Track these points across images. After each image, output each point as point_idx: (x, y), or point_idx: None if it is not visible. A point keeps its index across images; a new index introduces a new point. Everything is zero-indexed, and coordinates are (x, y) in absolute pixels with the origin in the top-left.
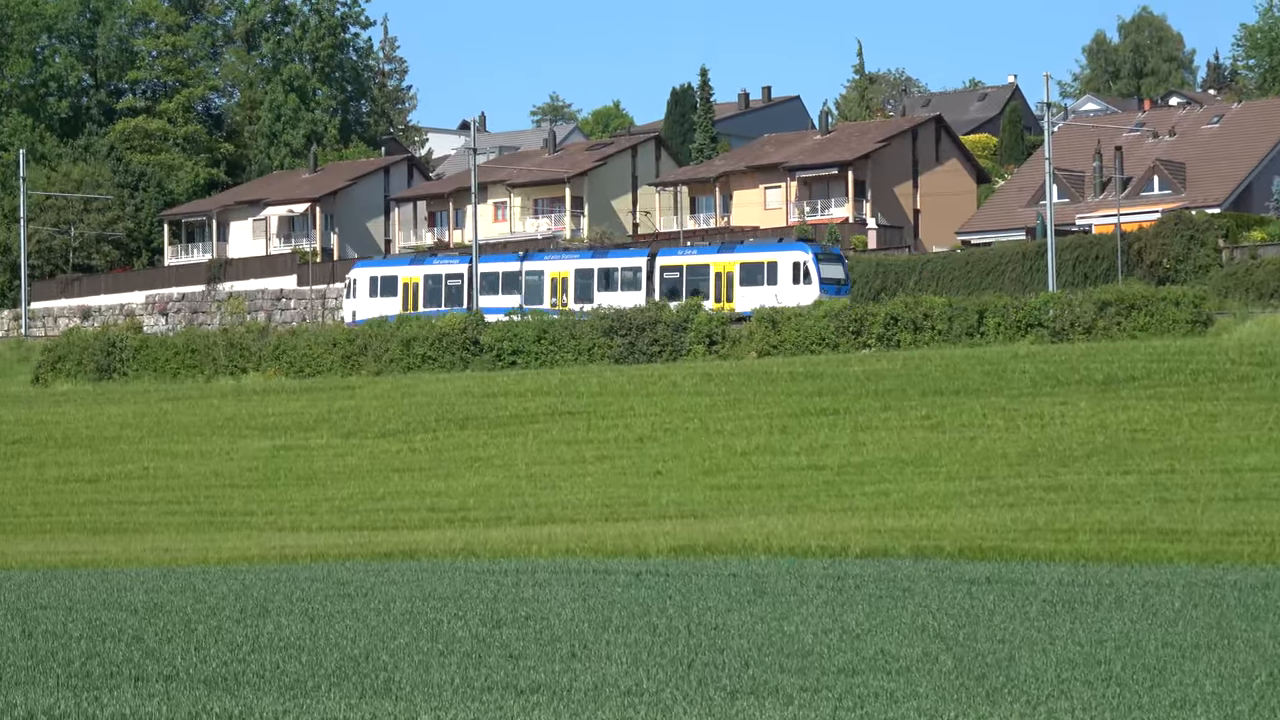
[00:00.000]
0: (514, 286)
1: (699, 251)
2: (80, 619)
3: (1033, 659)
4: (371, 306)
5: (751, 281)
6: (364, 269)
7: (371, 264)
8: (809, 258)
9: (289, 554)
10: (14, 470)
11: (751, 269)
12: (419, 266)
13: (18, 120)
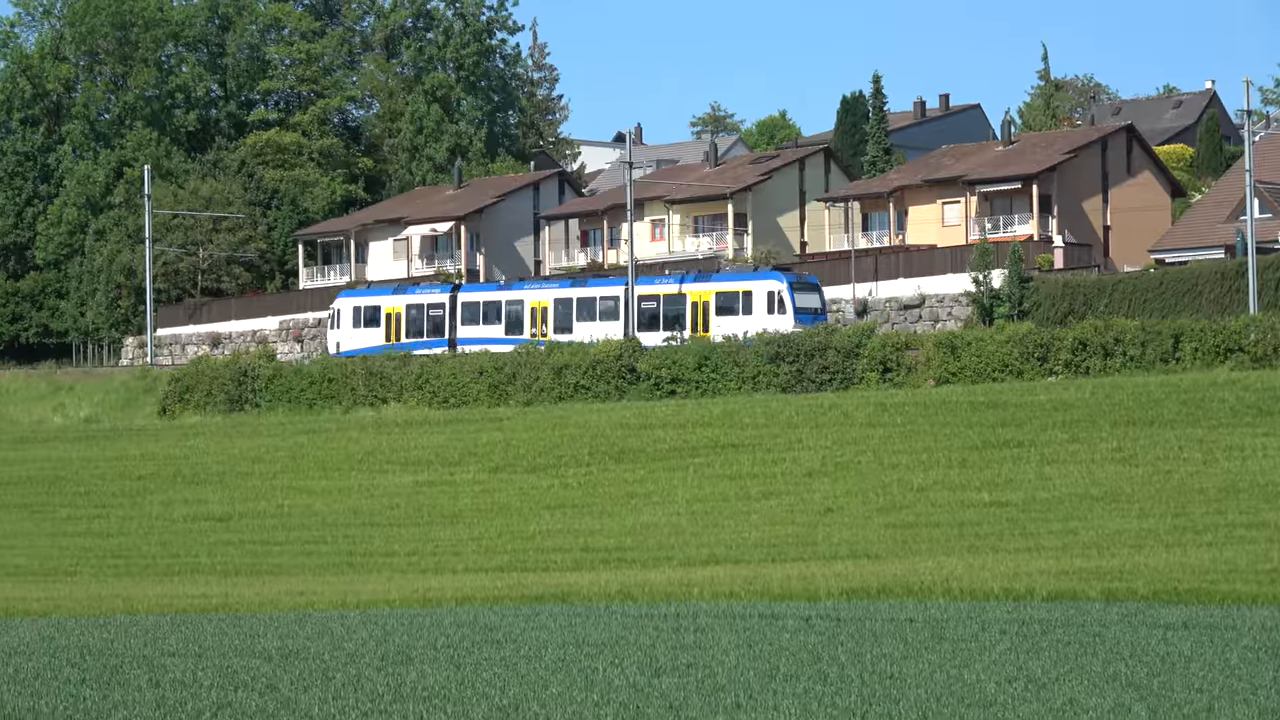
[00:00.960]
0: (495, 316)
1: (676, 280)
2: (211, 666)
3: (1233, 710)
4: (355, 337)
5: (727, 311)
6: (347, 299)
7: (355, 294)
8: (784, 287)
9: (433, 597)
10: (140, 508)
11: (727, 298)
12: (401, 296)
13: (143, 134)
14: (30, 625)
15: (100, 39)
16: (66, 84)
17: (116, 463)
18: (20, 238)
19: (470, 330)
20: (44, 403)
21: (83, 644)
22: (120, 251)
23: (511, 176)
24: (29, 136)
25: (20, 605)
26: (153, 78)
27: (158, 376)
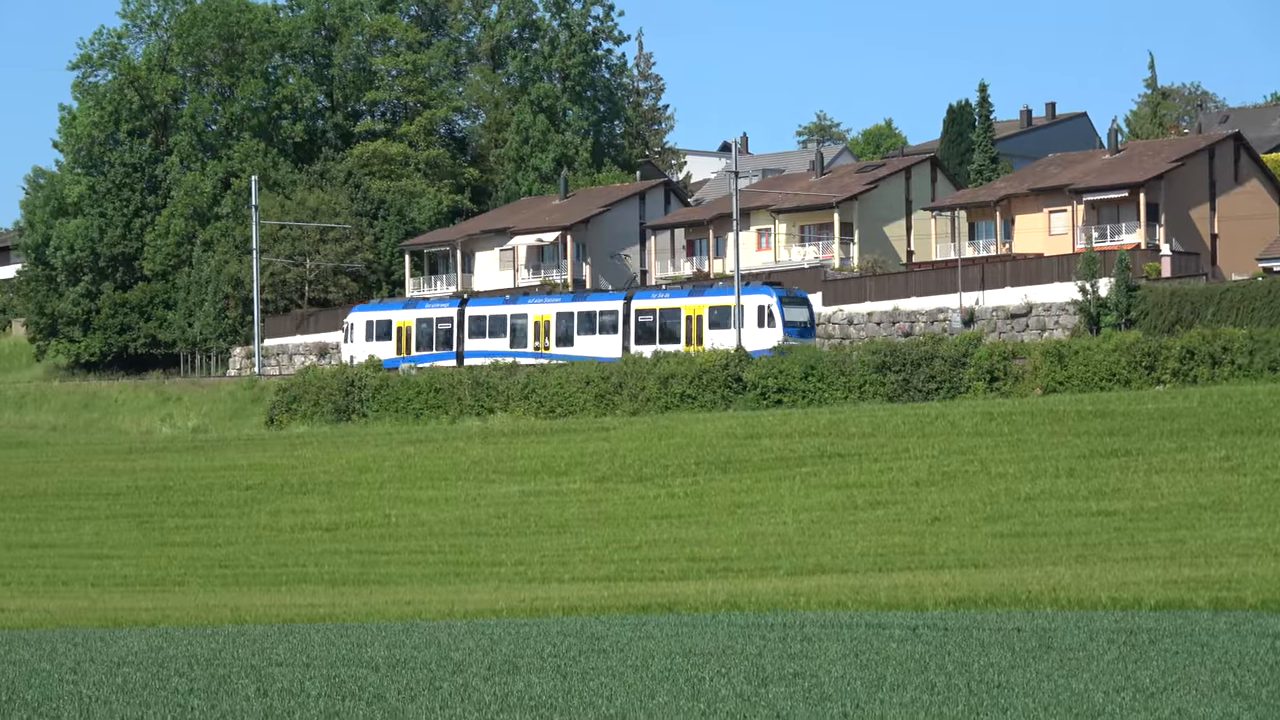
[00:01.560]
0: (500, 330)
1: (672, 295)
2: (319, 676)
3: None
4: (368, 350)
5: (720, 324)
6: (360, 313)
7: (368, 308)
8: (773, 301)
9: (539, 606)
10: (248, 518)
11: (719, 312)
12: (411, 310)
13: (250, 145)
14: (139, 635)
15: (207, 50)
16: (174, 95)
17: (224, 473)
18: (128, 249)
19: (477, 343)
20: (152, 413)
21: (191, 654)
22: (228, 262)
23: (617, 186)
24: (137, 148)
25: (129, 615)
26: (259, 89)
27: (265, 386)
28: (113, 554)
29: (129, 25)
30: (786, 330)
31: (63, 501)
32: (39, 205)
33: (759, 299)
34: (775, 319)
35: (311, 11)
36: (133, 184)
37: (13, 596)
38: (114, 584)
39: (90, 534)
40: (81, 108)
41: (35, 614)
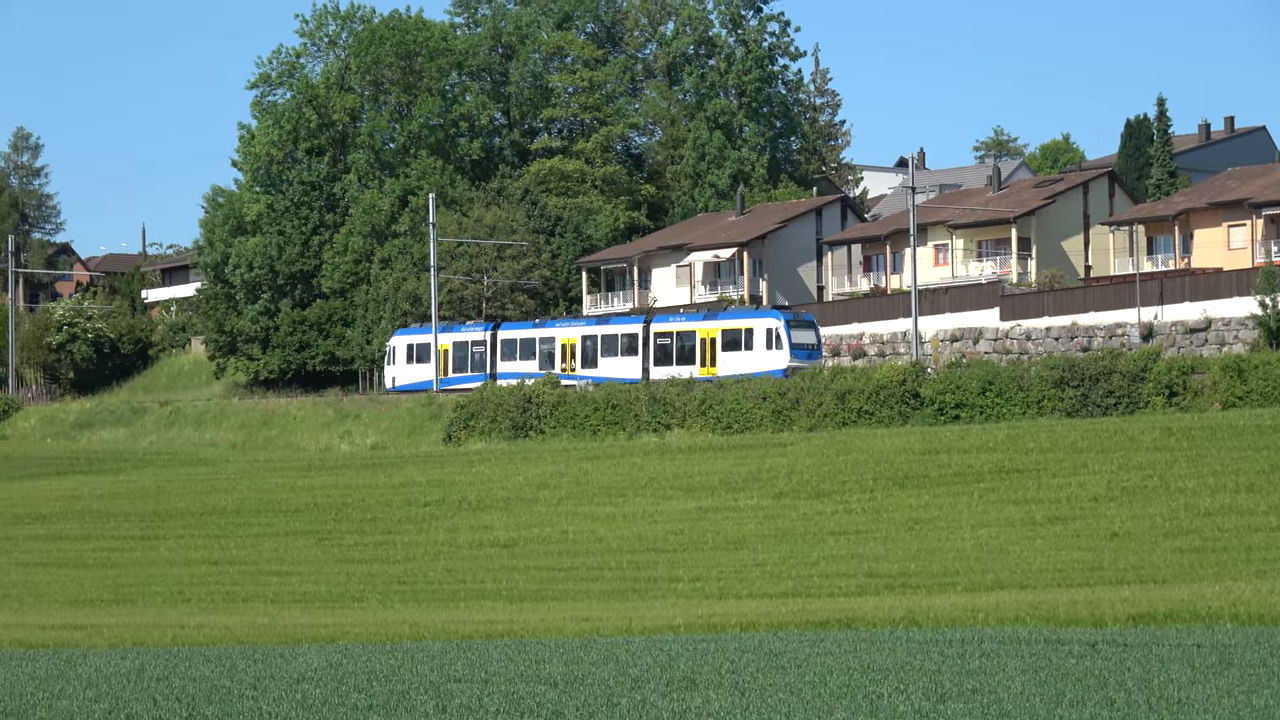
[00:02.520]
0: (530, 352)
1: (687, 318)
2: (497, 692)
3: None
4: (408, 372)
5: (731, 347)
6: (402, 337)
7: (408, 332)
8: (781, 324)
9: (717, 622)
10: (426, 534)
11: (731, 335)
12: (448, 334)
13: (427, 163)
14: (318, 651)
15: (385, 69)
16: (352, 114)
17: (402, 489)
18: (306, 266)
19: (508, 365)
20: (331, 430)
21: (370, 670)
22: (405, 279)
23: (793, 202)
24: (315, 166)
25: (308, 631)
26: (437, 107)
27: (443, 404)
28: (292, 570)
29: (307, 44)
30: (794, 352)
31: (242, 518)
32: (218, 224)
33: (767, 322)
34: (783, 341)
35: (489, 29)
36: (311, 202)
37: (193, 613)
38: (293, 600)
39: (269, 551)
40: (260, 127)
41: (215, 630)
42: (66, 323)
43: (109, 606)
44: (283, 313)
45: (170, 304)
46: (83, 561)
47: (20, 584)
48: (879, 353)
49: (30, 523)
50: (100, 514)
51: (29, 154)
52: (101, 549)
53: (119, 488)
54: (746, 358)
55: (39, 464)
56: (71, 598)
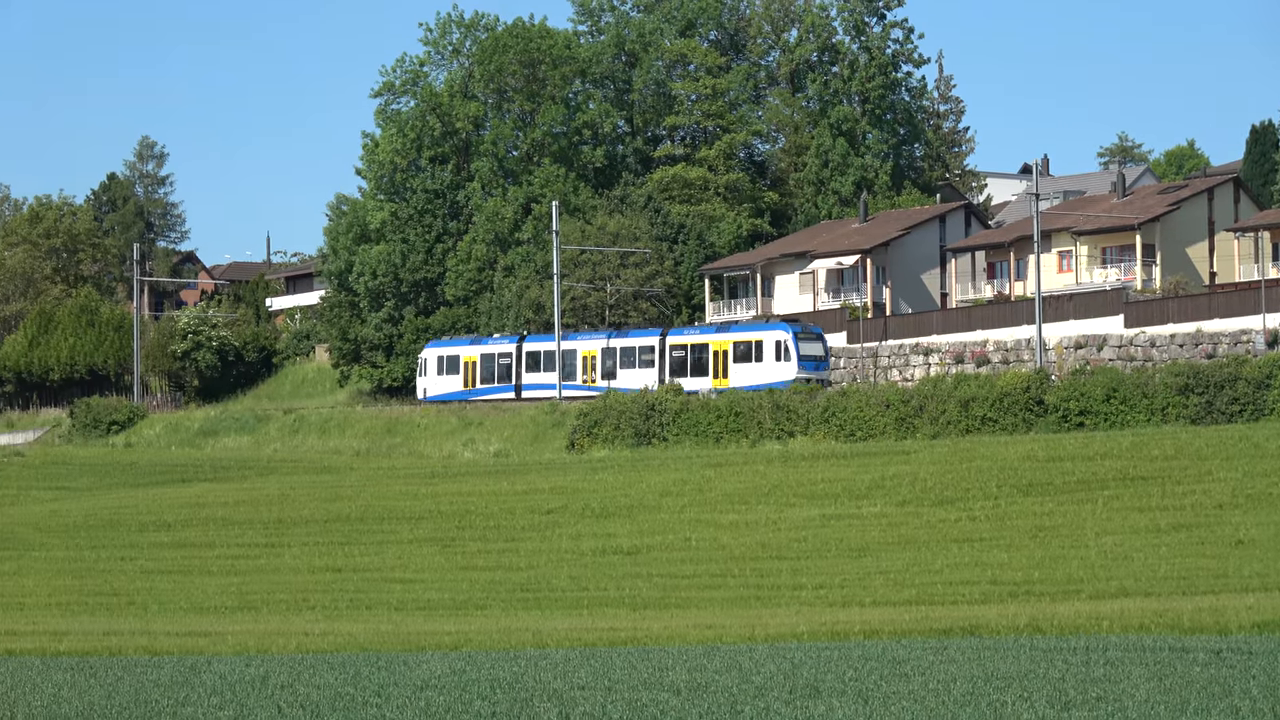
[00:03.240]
0: (552, 364)
1: (701, 331)
2: (620, 700)
3: None
4: (439, 384)
5: (742, 359)
6: (433, 349)
7: (440, 344)
8: (789, 337)
9: (840, 630)
10: (550, 541)
11: (742, 348)
12: (476, 346)
13: (550, 170)
14: (441, 659)
15: (508, 77)
16: (475, 122)
17: (525, 497)
18: (430, 274)
19: (533, 377)
20: (454, 438)
21: (493, 677)
22: (529, 287)
23: (917, 209)
24: (438, 174)
25: (431, 639)
26: (560, 114)
27: (566, 411)
28: (415, 578)
29: (431, 52)
30: (801, 364)
31: (366, 526)
32: (342, 232)
33: (776, 335)
34: (791, 353)
35: (612, 37)
36: (434, 210)
37: (317, 620)
38: (416, 607)
39: (393, 558)
40: (384, 135)
41: (339, 638)
42: (191, 331)
43: (233, 614)
44: (406, 320)
45: (294, 312)
46: (207, 569)
47: (145, 591)
48: (1003, 360)
49: (155, 530)
50: (225, 521)
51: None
52: (226, 556)
53: (243, 495)
54: (757, 369)
55: (164, 471)
56: (196, 605)
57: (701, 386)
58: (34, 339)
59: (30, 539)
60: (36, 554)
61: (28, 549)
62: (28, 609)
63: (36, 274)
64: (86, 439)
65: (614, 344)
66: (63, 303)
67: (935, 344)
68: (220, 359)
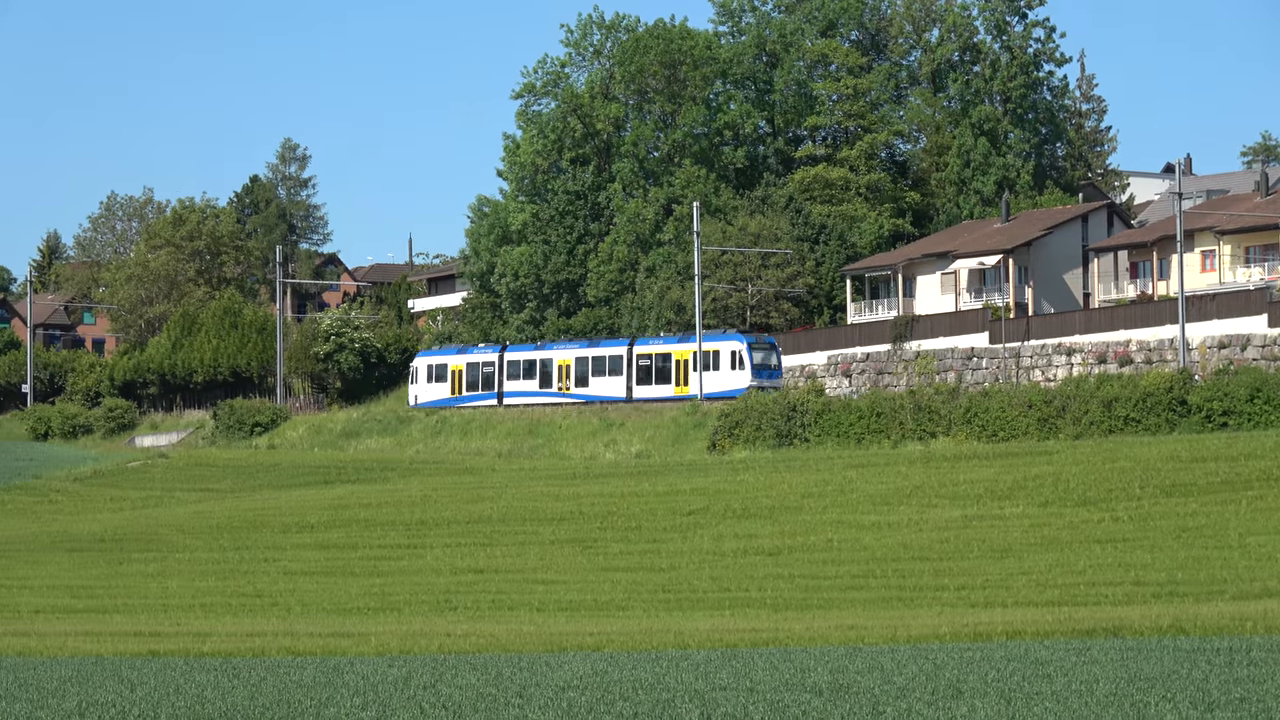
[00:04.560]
0: (532, 372)
1: (665, 341)
2: (762, 701)
3: None
4: (429, 391)
5: (703, 367)
6: (424, 358)
7: (429, 354)
8: (743, 347)
9: (983, 631)
10: (691, 542)
11: (702, 356)
12: (462, 356)
13: (691, 171)
14: (583, 659)
15: (649, 78)
16: (616, 123)
17: (667, 498)
18: (572, 275)
19: (514, 384)
20: (596, 439)
21: (634, 678)
22: (670, 288)
23: (1059, 209)
24: (579, 175)
25: (573, 640)
26: (701, 115)
27: (708, 412)
28: (557, 579)
29: (572, 54)
30: (755, 373)
31: (508, 527)
32: (484, 233)
33: (731, 345)
34: (745, 363)
35: (753, 38)
36: (575, 211)
37: (459, 621)
38: (558, 608)
39: (535, 559)
40: (525, 136)
41: (481, 638)
42: (334, 332)
43: (375, 614)
44: (548, 322)
45: (436, 313)
46: (349, 570)
47: (288, 592)
48: (1145, 360)
49: (298, 532)
50: (367, 523)
51: (296, 165)
52: (368, 557)
53: (385, 497)
54: (715, 377)
55: (307, 473)
56: (339, 606)
57: (664, 393)
58: (177, 341)
59: (174, 540)
60: (180, 555)
61: (172, 550)
62: (171, 610)
63: (180, 276)
64: (230, 441)
65: (586, 353)
66: (206, 305)
67: (1078, 344)
68: (363, 361)
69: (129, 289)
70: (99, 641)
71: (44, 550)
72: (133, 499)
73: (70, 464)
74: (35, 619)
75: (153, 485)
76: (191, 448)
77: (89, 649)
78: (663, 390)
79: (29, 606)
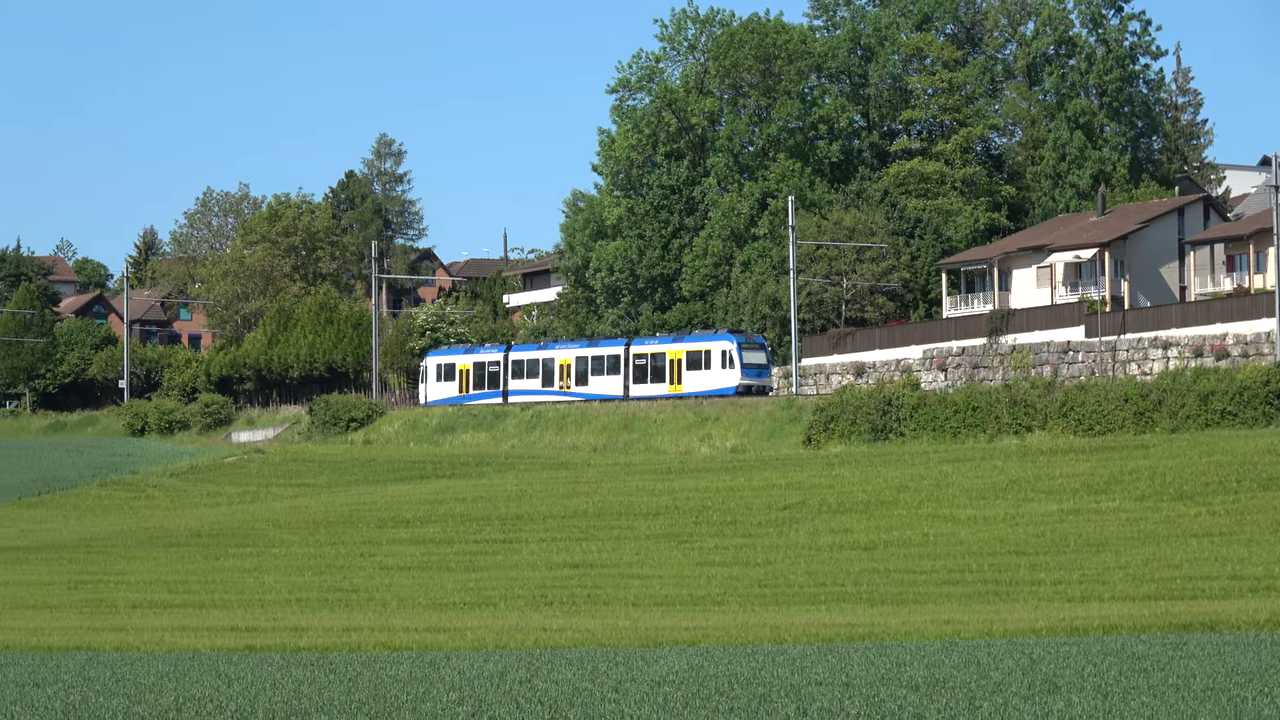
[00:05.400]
0: (535, 371)
1: (659, 341)
2: (858, 695)
3: None
4: (438, 389)
5: (694, 366)
6: (434, 357)
7: (439, 353)
8: (733, 347)
9: (1079, 625)
10: (786, 537)
11: (693, 356)
12: (469, 355)
13: (786, 166)
14: (678, 654)
15: (744, 72)
16: (710, 117)
17: (762, 492)
18: (666, 270)
19: (519, 383)
20: (691, 433)
21: (730, 673)
22: (765, 282)
23: (1155, 202)
24: (674, 170)
25: (669, 634)
26: (795, 109)
27: (802, 406)
28: (652, 573)
29: (667, 49)
30: (745, 372)
31: (603, 521)
32: (578, 228)
33: (722, 344)
34: (735, 362)
35: (847, 32)
36: (670, 206)
37: (555, 615)
38: (653, 603)
39: (630, 553)
40: (620, 131)
41: (577, 633)
42: (429, 327)
43: (471, 609)
44: (643, 316)
45: (531, 308)
46: (445, 565)
47: (384, 587)
48: (1242, 353)
49: (394, 527)
50: (463, 517)
51: (392, 160)
52: (464, 552)
53: (481, 491)
54: (706, 376)
55: (403, 468)
56: (434, 601)
57: (659, 391)
58: (273, 337)
59: (270, 535)
60: (276, 550)
61: (268, 546)
62: (268, 605)
63: (275, 272)
64: (326, 436)
65: (585, 353)
66: (301, 300)
67: (1174, 337)
68: None
69: (225, 285)
70: (195, 636)
71: (141, 545)
72: (229, 494)
73: (167, 459)
74: (132, 614)
75: (249, 480)
76: (287, 443)
77: (185, 644)
78: (658, 389)
79: (126, 602)
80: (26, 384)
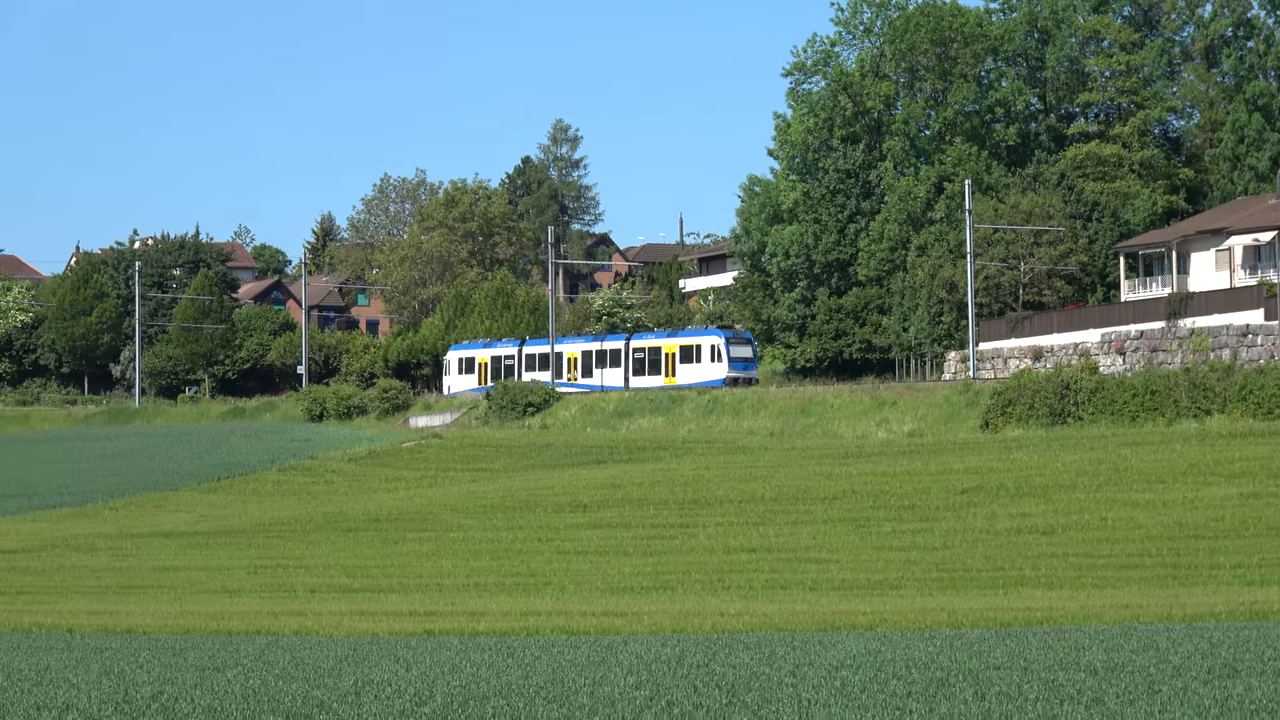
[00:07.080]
0: (547, 365)
1: (656, 336)
2: (1036, 679)
3: None
4: (459, 382)
5: (687, 360)
6: (456, 351)
7: (460, 347)
8: (721, 341)
9: (1260, 609)
10: (964, 521)
11: (686, 350)
12: (487, 349)
13: (963, 149)
14: (856, 638)
15: (920, 56)
16: (886, 101)
17: (939, 476)
18: (843, 254)
19: (530, 375)
20: (867, 418)
21: (908, 657)
22: (941, 266)
23: None
24: (850, 154)
25: (846, 619)
26: (972, 93)
27: (979, 390)
28: (829, 558)
29: (842, 33)
30: (732, 365)
31: (780, 506)
32: (754, 213)
33: (711, 339)
34: (723, 356)
35: (1024, 14)
36: (846, 190)
37: (732, 600)
38: (831, 587)
39: (807, 538)
40: (795, 115)
41: (754, 617)
42: (606, 312)
43: (648, 594)
44: (819, 301)
45: (707, 293)
46: (622, 549)
47: (562, 571)
48: None
49: (571, 511)
50: (640, 502)
51: (568, 146)
52: (641, 537)
53: (658, 476)
54: (697, 369)
55: (580, 453)
56: (612, 585)
57: (655, 383)
58: (451, 322)
59: (448, 520)
60: (454, 535)
61: (445, 530)
62: (446, 590)
63: (453, 257)
64: (503, 421)
65: (590, 347)
66: (478, 285)
67: None
68: None
69: (402, 270)
70: (374, 621)
71: (319, 530)
72: (407, 479)
73: (345, 444)
74: (311, 598)
75: (426, 465)
76: (465, 428)
77: (364, 628)
78: (654, 380)
79: (305, 586)
80: (206, 370)
